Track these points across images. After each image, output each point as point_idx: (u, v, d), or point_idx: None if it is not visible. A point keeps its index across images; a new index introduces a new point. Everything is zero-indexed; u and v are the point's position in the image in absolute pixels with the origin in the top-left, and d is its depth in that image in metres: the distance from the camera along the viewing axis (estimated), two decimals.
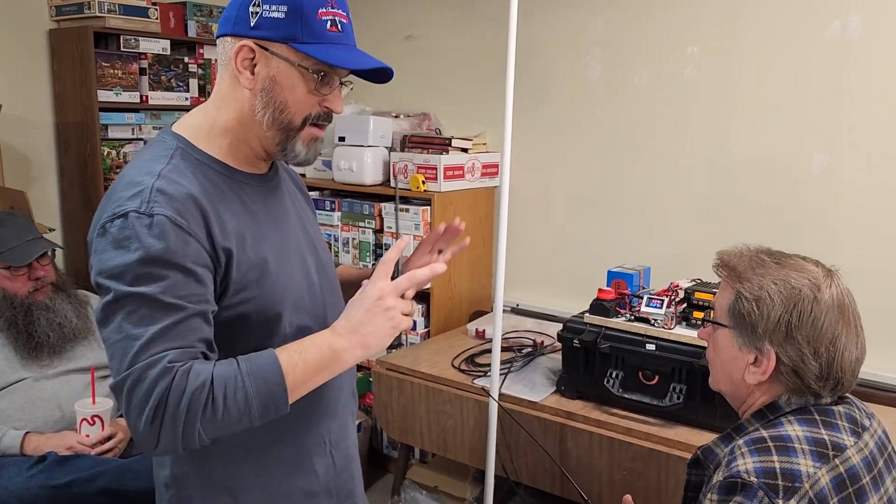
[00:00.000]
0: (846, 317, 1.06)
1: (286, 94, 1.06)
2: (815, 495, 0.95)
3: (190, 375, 0.95)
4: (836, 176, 2.19)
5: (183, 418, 0.94)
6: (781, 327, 1.05)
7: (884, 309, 2.13)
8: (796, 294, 1.05)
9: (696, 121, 2.43)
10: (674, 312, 1.87)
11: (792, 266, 1.08)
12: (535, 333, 2.47)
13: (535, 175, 2.80)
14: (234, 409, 0.96)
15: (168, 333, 0.95)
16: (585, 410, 1.95)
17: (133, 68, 2.80)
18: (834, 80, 2.17)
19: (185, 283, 0.98)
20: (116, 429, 2.01)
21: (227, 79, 1.09)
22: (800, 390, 1.07)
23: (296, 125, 1.09)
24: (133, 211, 0.97)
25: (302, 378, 1.01)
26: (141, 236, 0.96)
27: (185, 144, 1.09)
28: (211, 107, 1.12)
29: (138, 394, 0.93)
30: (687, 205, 2.48)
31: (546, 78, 2.71)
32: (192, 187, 1.02)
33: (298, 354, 1.02)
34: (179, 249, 0.98)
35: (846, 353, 1.05)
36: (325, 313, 1.20)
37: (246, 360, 1.00)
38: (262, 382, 0.98)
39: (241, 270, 1.05)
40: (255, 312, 1.07)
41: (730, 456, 1.02)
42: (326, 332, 1.05)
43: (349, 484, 1.29)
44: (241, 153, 1.12)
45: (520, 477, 2.04)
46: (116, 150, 2.80)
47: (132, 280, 0.96)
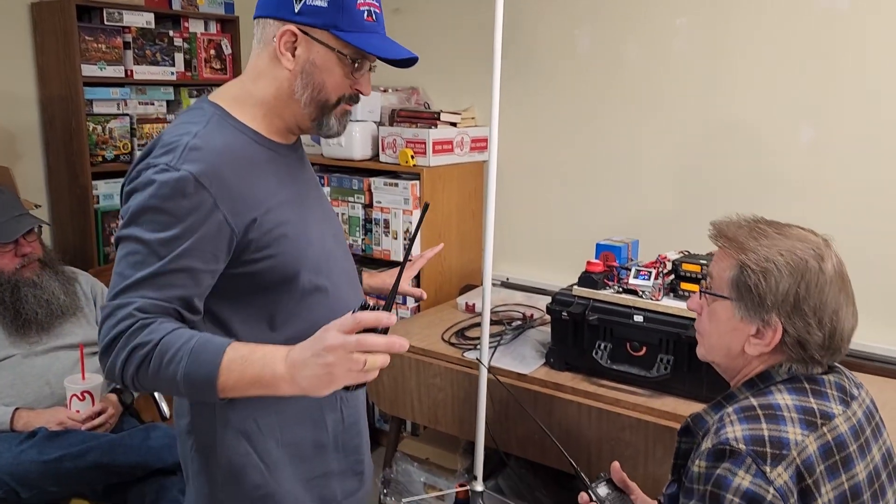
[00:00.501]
0: (845, 285, 1.06)
1: (324, 77, 1.16)
2: (803, 462, 0.96)
3: (144, 331, 1.02)
4: (823, 147, 2.20)
5: (122, 364, 1.03)
6: (790, 299, 1.04)
7: (872, 280, 2.15)
8: (803, 265, 1.04)
9: (685, 92, 2.42)
10: (661, 284, 1.88)
11: (794, 236, 1.08)
12: (524, 307, 2.48)
13: (524, 149, 2.79)
14: (164, 378, 1.02)
15: (151, 282, 1.03)
16: (574, 382, 1.96)
17: (117, 42, 2.76)
18: (822, 51, 2.16)
19: (189, 238, 1.04)
20: (107, 404, 2.01)
21: (266, 57, 1.17)
22: (802, 360, 1.06)
23: (331, 104, 1.19)
24: (163, 164, 1.06)
25: (233, 385, 1.01)
26: (161, 186, 1.04)
27: (221, 112, 1.17)
28: (247, 80, 1.20)
29: (106, 326, 1.04)
30: (675, 177, 2.48)
31: (535, 51, 2.69)
32: (224, 150, 1.10)
33: (242, 362, 1.01)
34: (194, 206, 1.04)
35: (846, 322, 1.05)
36: (339, 279, 1.27)
37: (202, 339, 1.02)
38: (195, 368, 1.00)
39: (263, 229, 1.12)
40: (274, 269, 1.14)
41: (719, 424, 1.03)
42: (281, 354, 1.01)
43: (356, 439, 1.36)
44: (274, 125, 1.20)
45: (509, 448, 2.06)
46: (102, 126, 2.77)
47: (140, 223, 1.04)
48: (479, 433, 1.96)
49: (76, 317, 2.14)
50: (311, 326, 1.09)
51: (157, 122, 2.92)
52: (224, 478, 1.22)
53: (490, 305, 1.93)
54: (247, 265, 1.12)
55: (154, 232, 1.04)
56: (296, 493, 1.26)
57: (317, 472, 1.29)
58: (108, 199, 2.84)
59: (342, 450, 1.33)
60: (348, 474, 1.35)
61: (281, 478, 1.24)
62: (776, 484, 0.94)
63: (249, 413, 1.21)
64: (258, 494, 1.22)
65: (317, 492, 1.30)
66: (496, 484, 2.30)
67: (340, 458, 1.33)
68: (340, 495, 1.34)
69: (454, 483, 2.25)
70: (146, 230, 1.04)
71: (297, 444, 1.26)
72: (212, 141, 1.10)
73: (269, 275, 1.15)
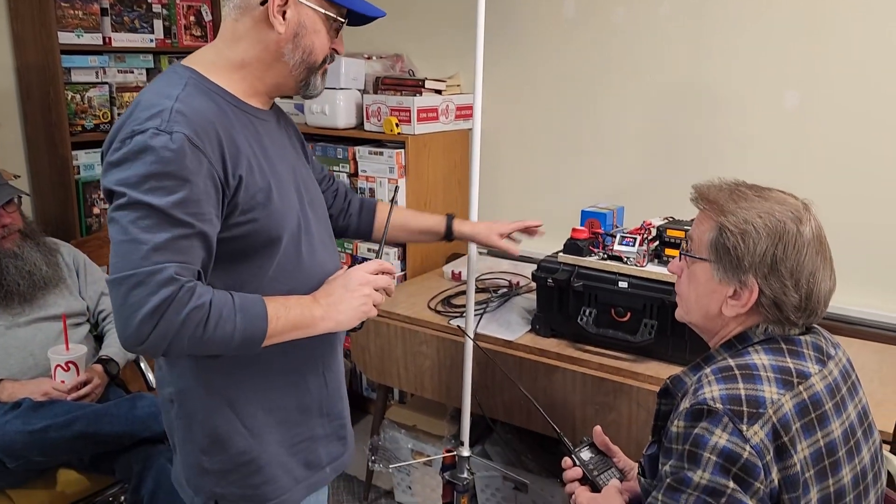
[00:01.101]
0: (823, 249, 1.07)
1: (313, 38, 1.18)
2: (779, 420, 0.98)
3: (194, 293, 1.03)
4: (808, 112, 2.20)
5: (176, 329, 1.02)
6: (767, 260, 1.05)
7: (852, 243, 2.17)
8: (781, 227, 1.05)
9: (671, 58, 2.41)
10: (646, 250, 1.88)
11: (774, 199, 1.08)
12: (510, 274, 2.49)
13: (509, 116, 2.78)
14: (220, 336, 1.05)
15: (172, 246, 1.02)
16: (559, 348, 1.98)
17: (94, 9, 2.70)
18: (806, 17, 2.15)
19: (195, 200, 1.04)
20: (92, 374, 2.01)
21: (249, 21, 1.16)
22: (778, 321, 1.07)
23: (318, 65, 1.22)
24: (153, 128, 1.03)
25: (280, 330, 1.12)
26: (159, 150, 1.02)
27: (197, 76, 1.16)
28: (221, 45, 1.19)
29: (138, 294, 1.00)
30: (661, 143, 2.48)
31: (520, 17, 2.66)
32: (207, 112, 1.10)
33: (284, 309, 1.12)
34: (193, 167, 1.04)
35: (823, 284, 1.06)
36: (317, 245, 1.27)
37: (239, 297, 1.09)
38: (249, 321, 1.08)
39: (249, 192, 1.13)
40: (259, 232, 1.15)
41: (697, 384, 1.04)
42: (309, 298, 1.17)
43: (339, 404, 1.37)
44: (252, 88, 1.21)
45: (496, 414, 2.08)
46: (81, 95, 2.72)
47: (146, 190, 1.02)
48: (466, 400, 1.98)
49: (59, 288, 2.13)
50: (289, 291, 1.19)
51: (136, 90, 2.88)
52: (209, 444, 1.22)
53: (476, 273, 1.93)
54: (231, 229, 1.12)
55: (163, 196, 1.02)
56: (281, 457, 1.27)
57: (302, 436, 1.30)
58: (88, 170, 2.81)
59: (326, 415, 1.34)
60: (332, 438, 1.36)
61: (266, 443, 1.25)
62: (752, 442, 0.95)
63: (233, 379, 1.22)
64: (244, 460, 1.23)
65: (302, 456, 1.31)
66: (483, 449, 2.32)
67: (325, 422, 1.34)
68: (325, 459, 1.35)
69: (441, 449, 2.27)
70: (154, 196, 1.01)
71: (282, 408, 1.27)
72: (194, 103, 1.09)
73: (252, 238, 1.15)
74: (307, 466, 1.32)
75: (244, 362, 1.21)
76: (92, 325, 2.23)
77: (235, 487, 1.24)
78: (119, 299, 1.01)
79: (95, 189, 2.78)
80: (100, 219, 2.80)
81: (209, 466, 1.24)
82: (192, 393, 1.22)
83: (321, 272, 1.26)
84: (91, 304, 2.23)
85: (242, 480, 1.24)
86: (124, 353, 2.13)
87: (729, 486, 0.95)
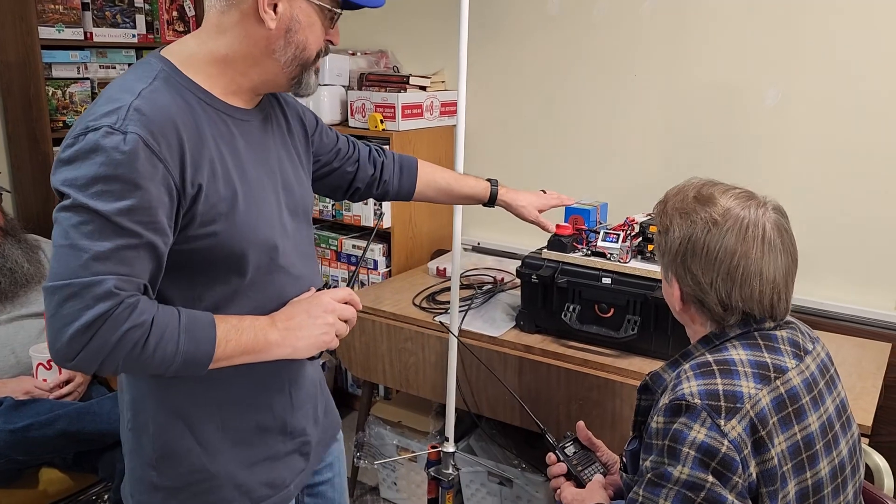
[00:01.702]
0: (761, 247, 1.06)
1: (307, 33, 1.10)
2: (756, 415, 0.99)
3: (135, 310, 0.95)
4: (788, 109, 2.22)
5: (111, 348, 0.94)
6: (678, 258, 1.11)
7: (830, 239, 2.19)
8: (691, 226, 1.09)
9: (653, 55, 2.42)
10: (629, 246, 1.89)
11: (705, 199, 1.11)
12: (495, 270, 2.49)
13: (493, 112, 2.78)
14: (160, 357, 0.98)
15: (115, 256, 0.94)
16: (544, 344, 1.98)
17: (75, 3, 2.67)
18: (787, 15, 2.17)
19: (145, 208, 0.96)
20: (74, 372, 2.00)
21: (236, 15, 1.07)
22: (713, 319, 1.11)
23: (311, 61, 1.13)
24: (107, 126, 0.95)
25: (229, 354, 1.04)
26: (109, 151, 0.94)
27: (170, 68, 1.07)
28: (205, 37, 1.09)
29: (72, 307, 0.92)
30: (644, 138, 2.49)
31: (505, 13, 2.66)
32: (171, 111, 1.01)
33: (235, 332, 1.04)
34: (146, 172, 0.95)
35: (746, 285, 1.07)
36: (292, 257, 1.19)
37: (187, 315, 1.01)
38: (194, 344, 1.00)
39: (209, 202, 1.04)
40: (219, 246, 1.06)
41: (676, 380, 1.05)
42: (266, 321, 1.08)
43: (303, 422, 1.27)
44: (234, 84, 1.11)
45: (481, 410, 2.09)
46: (62, 90, 2.70)
47: (92, 193, 0.93)
48: (451, 396, 1.98)
49: (41, 285, 2.10)
50: (257, 307, 1.12)
51: None
52: (158, 458, 1.15)
53: (460, 270, 1.94)
54: (190, 241, 1.04)
55: (109, 202, 0.93)
56: (238, 476, 1.19)
57: (261, 455, 1.21)
58: None
59: (289, 433, 1.25)
60: (294, 455, 1.27)
61: (221, 462, 1.17)
62: (730, 436, 0.97)
63: (188, 393, 1.14)
64: (196, 478, 1.16)
65: (263, 476, 1.22)
66: (468, 445, 2.33)
67: (286, 441, 1.25)
68: (289, 478, 1.26)
69: (426, 445, 2.28)
70: (99, 200, 0.93)
71: (238, 428, 1.18)
72: (157, 100, 1.00)
73: (213, 252, 1.06)
74: (270, 486, 1.23)
75: (205, 379, 1.10)
76: None
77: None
78: (52, 309, 0.93)
79: None
80: None
81: (158, 482, 1.15)
82: (144, 403, 1.15)
83: (294, 289, 1.18)
84: None
85: (194, 499, 1.16)
86: None
87: (708, 480, 0.97)
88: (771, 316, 1.09)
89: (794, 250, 1.10)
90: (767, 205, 1.10)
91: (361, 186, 1.51)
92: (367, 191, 1.53)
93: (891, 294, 2.15)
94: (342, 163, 1.46)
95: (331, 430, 1.41)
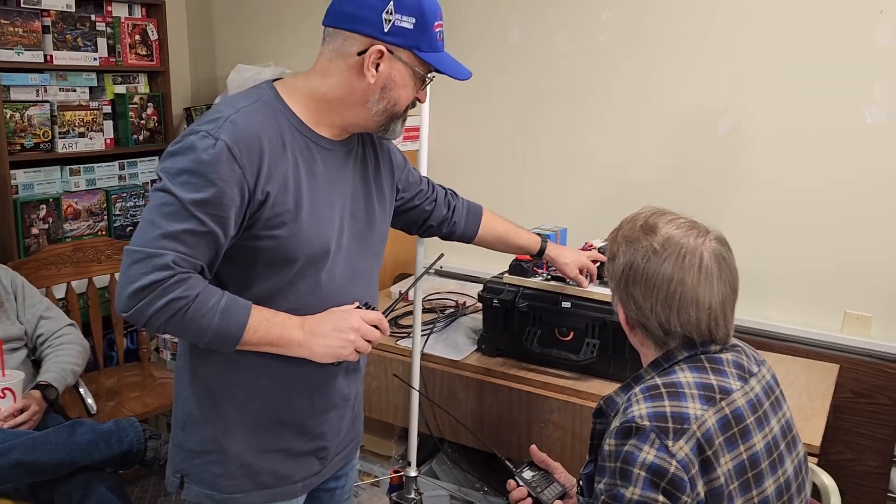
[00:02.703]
0: (698, 275, 1.10)
1: (400, 91, 1.25)
2: (703, 435, 1.02)
3: (183, 285, 1.13)
4: (740, 136, 2.30)
5: (156, 310, 1.12)
6: (622, 284, 1.16)
7: (779, 261, 2.27)
8: (634, 254, 1.14)
9: (611, 84, 2.49)
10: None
11: (649, 228, 1.15)
12: (457, 294, 2.52)
13: (456, 138, 2.82)
14: (196, 328, 1.16)
15: (181, 237, 1.12)
16: (505, 367, 2.01)
17: (35, 26, 2.66)
18: (737, 45, 2.26)
19: (216, 203, 1.13)
20: (30, 401, 1.96)
21: (342, 65, 1.23)
22: (659, 344, 1.15)
23: (400, 114, 1.29)
24: (204, 131, 1.14)
25: (256, 341, 1.20)
26: (199, 150, 1.13)
27: (273, 95, 1.25)
28: (312, 77, 1.27)
29: (136, 269, 1.12)
30: (602, 165, 2.55)
31: (468, 43, 2.72)
32: (260, 127, 1.18)
33: (266, 322, 1.20)
34: (224, 173, 1.13)
35: (683, 311, 1.10)
36: (342, 275, 1.32)
37: (228, 299, 1.18)
38: (226, 324, 1.16)
39: (274, 210, 1.19)
40: (277, 249, 1.22)
41: (627, 403, 1.08)
42: (297, 321, 1.23)
43: (324, 427, 1.39)
44: (326, 119, 1.27)
45: (443, 434, 2.10)
46: (20, 113, 2.67)
47: (179, 182, 1.13)
48: (413, 420, 1.99)
49: None
50: (293, 308, 1.26)
51: (79, 108, 2.83)
52: (185, 421, 1.33)
53: (423, 294, 1.96)
54: (253, 240, 1.20)
55: (189, 191, 1.12)
56: (245, 458, 1.32)
57: (273, 446, 1.34)
58: (27, 189, 2.74)
59: (306, 434, 1.37)
60: (310, 457, 1.39)
61: (232, 439, 1.31)
62: (678, 457, 1.00)
63: (218, 371, 1.29)
64: (208, 447, 1.31)
65: (271, 465, 1.34)
66: (430, 469, 2.34)
67: (303, 441, 1.37)
68: (298, 475, 1.38)
69: (389, 469, 2.28)
70: (182, 189, 1.12)
71: (258, 414, 1.31)
72: (251, 117, 1.18)
73: (270, 253, 1.22)
74: (275, 476, 1.35)
75: (236, 363, 1.27)
76: (30, 349, 2.18)
77: (198, 470, 1.32)
78: (123, 268, 1.14)
79: (34, 209, 2.72)
80: (38, 240, 2.73)
81: (182, 442, 1.34)
82: (184, 371, 1.33)
83: (333, 302, 1.30)
84: (29, 328, 2.17)
85: (204, 466, 1.31)
86: (63, 379, 2.09)
87: (658, 499, 1.00)
88: (712, 340, 1.13)
89: (732, 279, 1.14)
90: (709, 234, 1.14)
91: (434, 224, 1.68)
92: (438, 229, 1.71)
93: (837, 316, 2.23)
94: (422, 201, 1.64)
95: (353, 444, 1.54)
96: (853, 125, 2.13)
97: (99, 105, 2.91)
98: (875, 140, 2.11)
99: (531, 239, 1.83)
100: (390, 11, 1.19)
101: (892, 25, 2.04)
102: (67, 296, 2.62)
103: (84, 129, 2.85)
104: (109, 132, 2.96)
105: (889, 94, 2.08)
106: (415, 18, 1.21)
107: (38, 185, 2.78)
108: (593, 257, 1.90)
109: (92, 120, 2.87)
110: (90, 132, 2.87)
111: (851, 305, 2.21)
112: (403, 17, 1.20)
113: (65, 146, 2.79)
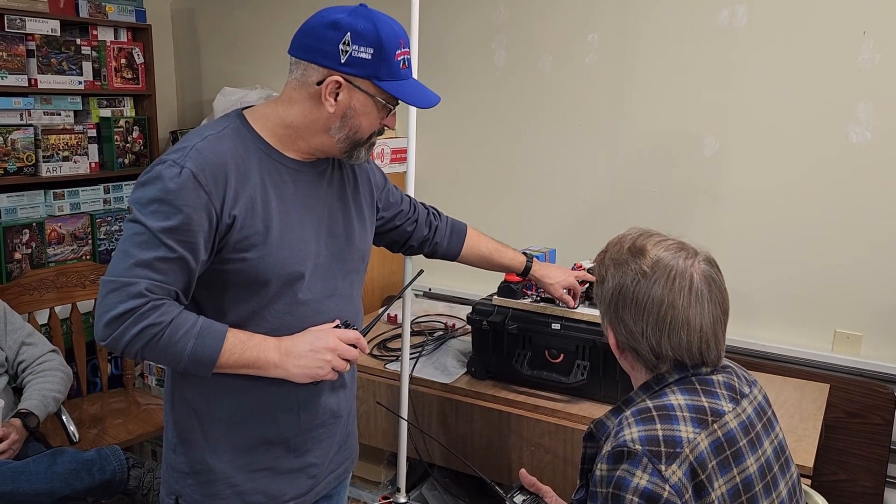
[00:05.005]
0: (688, 297, 1.08)
1: (361, 119, 1.27)
2: (696, 459, 1.01)
3: (157, 312, 1.15)
4: (726, 157, 2.31)
5: (131, 337, 1.15)
6: (612, 307, 1.14)
7: (769, 282, 2.27)
8: (622, 277, 1.12)
9: (597, 106, 2.50)
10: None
11: (637, 251, 1.13)
12: (446, 317, 2.50)
13: (443, 160, 2.82)
14: (171, 353, 1.18)
15: (153, 264, 1.15)
16: (495, 390, 1.99)
17: (20, 50, 2.64)
18: (722, 66, 2.28)
19: (185, 230, 1.16)
20: (10, 429, 1.92)
21: (305, 95, 1.26)
22: (650, 367, 1.13)
23: (363, 141, 1.30)
24: (171, 161, 1.18)
25: (231, 364, 1.22)
26: (165, 179, 1.16)
27: (242, 122, 1.28)
28: (279, 104, 1.29)
29: (112, 298, 1.15)
30: (589, 186, 2.56)
31: (454, 65, 2.73)
32: (226, 153, 1.21)
33: (241, 345, 1.21)
34: (191, 199, 1.16)
35: (675, 334, 1.09)
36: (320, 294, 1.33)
37: (204, 323, 1.20)
38: (201, 348, 1.18)
39: (242, 233, 1.22)
40: (248, 271, 1.24)
41: (618, 427, 1.06)
42: (273, 342, 1.25)
43: (310, 444, 1.39)
44: (294, 145, 1.30)
45: (433, 458, 2.07)
46: (4, 137, 2.64)
47: (148, 212, 1.16)
48: (402, 445, 1.96)
49: None
50: (272, 330, 1.27)
51: (63, 132, 2.81)
52: (175, 443, 1.35)
53: (411, 316, 1.94)
54: (224, 263, 1.22)
55: (157, 220, 1.15)
56: (235, 478, 1.33)
57: (261, 465, 1.35)
58: (10, 214, 2.71)
59: (293, 451, 1.37)
60: (300, 475, 1.39)
61: (220, 460, 1.32)
62: (671, 481, 0.98)
63: (202, 393, 1.31)
64: (198, 468, 1.33)
65: (260, 484, 1.35)
66: (420, 494, 2.30)
67: (291, 458, 1.37)
68: (290, 494, 1.38)
69: (378, 496, 2.24)
70: (152, 218, 1.15)
71: (243, 434, 1.33)
72: (217, 143, 1.21)
73: (241, 275, 1.24)
74: (265, 495, 1.35)
75: (219, 383, 1.28)
76: (11, 376, 2.14)
77: (190, 491, 1.34)
78: (99, 298, 1.17)
79: (17, 234, 2.68)
80: (21, 265, 2.70)
81: (173, 464, 1.35)
82: (172, 393, 1.35)
83: (313, 321, 1.31)
84: (10, 354, 2.13)
85: (195, 487, 1.33)
86: (44, 406, 2.04)
87: None
88: (703, 363, 1.12)
89: (723, 300, 1.12)
90: (698, 256, 1.12)
91: (415, 244, 1.70)
92: (419, 248, 1.72)
93: (828, 335, 2.23)
94: (402, 222, 1.64)
95: (348, 462, 1.54)
96: (837, 145, 2.15)
97: (84, 129, 2.89)
98: (859, 159, 2.12)
99: (517, 258, 1.83)
100: (347, 42, 1.21)
101: (875, 45, 2.07)
102: (50, 321, 2.58)
103: (68, 152, 2.83)
104: (94, 156, 2.94)
105: (873, 114, 2.10)
106: (373, 49, 1.22)
107: (22, 210, 2.75)
108: (581, 277, 1.89)
109: (76, 143, 2.85)
110: (74, 156, 2.85)
111: (841, 324, 2.21)
112: (361, 47, 1.21)
113: (49, 170, 2.77)
